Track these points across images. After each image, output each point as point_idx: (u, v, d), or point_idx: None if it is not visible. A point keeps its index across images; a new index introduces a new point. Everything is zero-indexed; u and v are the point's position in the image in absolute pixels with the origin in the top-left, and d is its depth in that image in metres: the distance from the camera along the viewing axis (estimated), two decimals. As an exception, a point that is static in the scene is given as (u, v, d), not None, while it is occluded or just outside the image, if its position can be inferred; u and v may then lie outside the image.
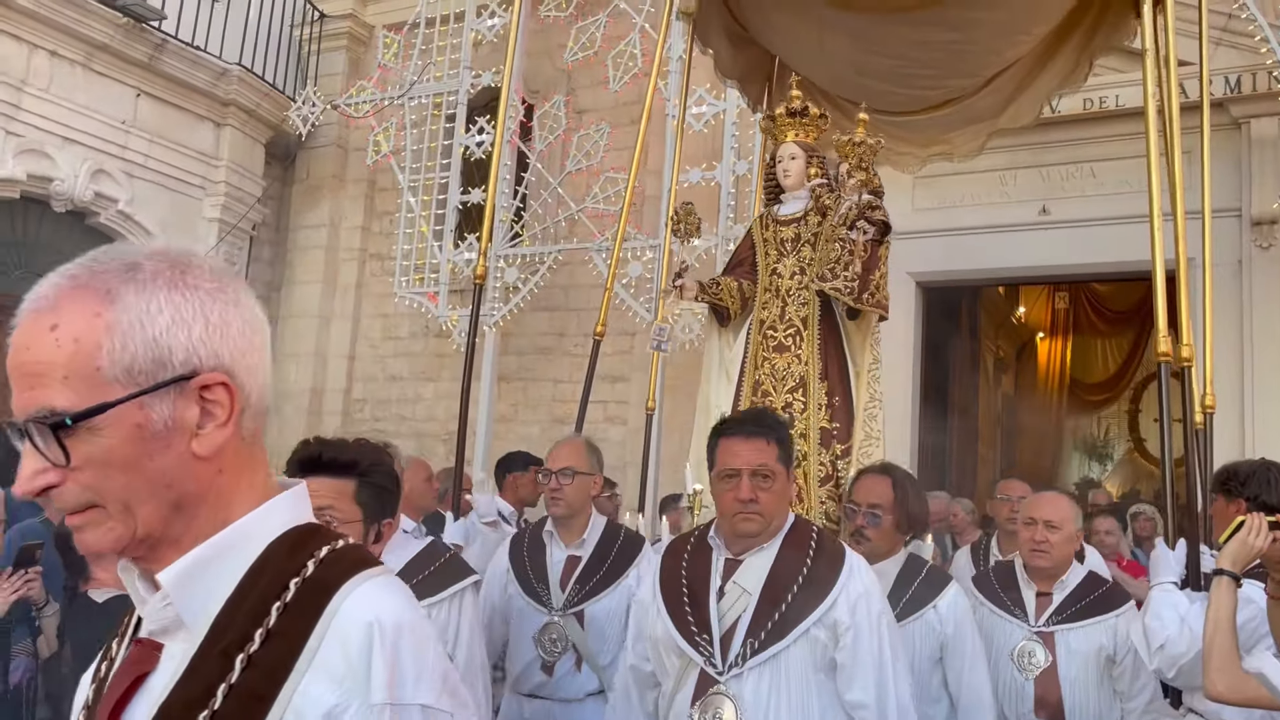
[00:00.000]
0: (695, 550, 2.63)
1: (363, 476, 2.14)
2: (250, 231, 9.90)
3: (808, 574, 2.46)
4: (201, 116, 9.30)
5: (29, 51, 7.96)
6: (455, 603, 2.79)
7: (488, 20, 8.63)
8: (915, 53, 4.54)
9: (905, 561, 3.14)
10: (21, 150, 7.95)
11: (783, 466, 2.54)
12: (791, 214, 4.24)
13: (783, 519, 2.58)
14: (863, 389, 3.99)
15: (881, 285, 3.90)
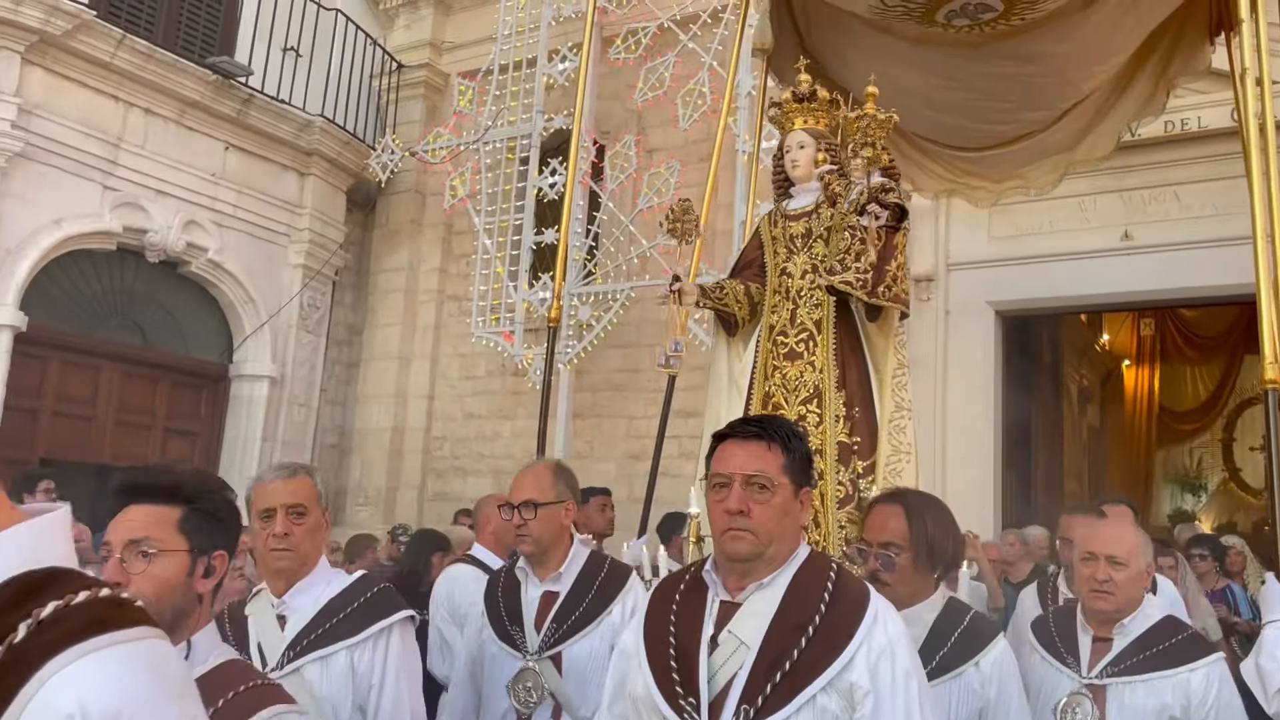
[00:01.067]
0: (689, 590, 2.09)
1: (189, 504, 1.95)
2: (333, 276, 10.19)
3: (820, 623, 1.93)
4: (286, 167, 9.64)
5: (125, 110, 8.37)
6: (378, 643, 2.51)
7: (559, 65, 8.80)
8: (989, 86, 4.50)
9: (945, 606, 2.62)
10: (118, 204, 8.33)
11: (788, 480, 2.02)
12: (801, 207, 3.86)
13: (787, 547, 2.04)
14: (887, 398, 3.58)
15: (900, 277, 3.48)
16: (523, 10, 9.05)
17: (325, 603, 2.51)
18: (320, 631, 2.47)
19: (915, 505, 2.64)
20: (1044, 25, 4.06)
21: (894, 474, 3.43)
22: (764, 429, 2.06)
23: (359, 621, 2.51)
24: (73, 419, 8.46)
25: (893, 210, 3.45)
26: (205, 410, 9.47)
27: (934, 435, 7.99)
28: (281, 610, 2.51)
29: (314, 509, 2.56)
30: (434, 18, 10.78)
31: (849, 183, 3.49)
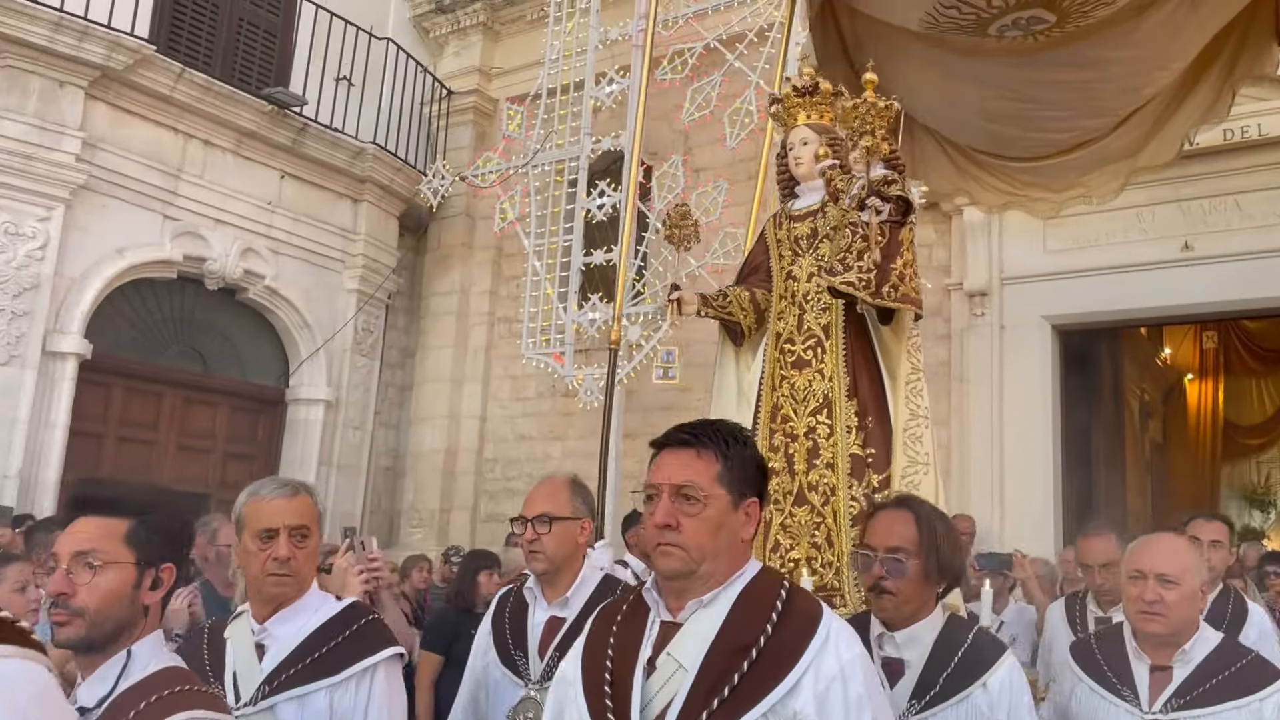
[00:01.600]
0: (631, 611, 1.92)
1: (137, 516, 1.94)
2: (386, 300, 10.33)
3: (766, 645, 1.76)
4: (340, 194, 9.81)
5: (184, 141, 8.59)
6: (361, 684, 2.31)
7: (606, 87, 8.86)
8: (1045, 94, 4.42)
9: (946, 623, 2.42)
10: (179, 233, 8.54)
11: (724, 490, 1.83)
12: (806, 207, 3.65)
13: (724, 563, 1.84)
14: (900, 406, 3.36)
15: (908, 275, 3.23)
16: (569, 35, 9.13)
17: (309, 633, 2.32)
18: (299, 667, 2.28)
19: (925, 512, 2.46)
20: (1100, 31, 3.99)
21: (911, 487, 3.19)
22: (695, 435, 1.88)
23: (342, 658, 2.31)
24: (136, 444, 8.65)
25: (896, 204, 3.20)
26: (263, 434, 9.63)
27: (991, 452, 7.86)
28: (261, 638, 2.33)
29: (315, 531, 2.41)
30: (482, 44, 10.93)
31: (852, 177, 3.28)
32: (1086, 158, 4.94)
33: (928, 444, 3.32)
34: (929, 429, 3.37)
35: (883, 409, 3.40)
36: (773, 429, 3.50)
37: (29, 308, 7.52)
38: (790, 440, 3.45)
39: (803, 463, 3.40)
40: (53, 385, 7.68)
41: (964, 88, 4.48)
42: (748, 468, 1.88)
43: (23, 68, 7.51)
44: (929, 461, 3.29)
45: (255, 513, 2.36)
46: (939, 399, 8.14)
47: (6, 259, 7.43)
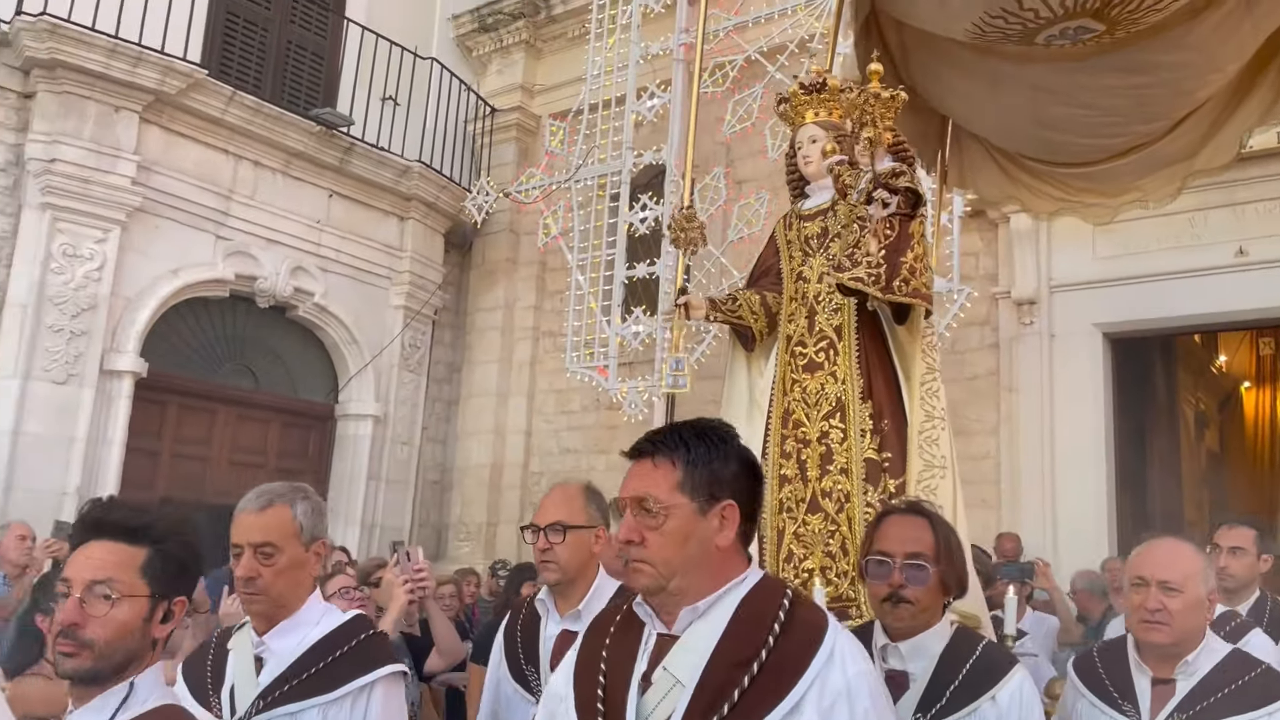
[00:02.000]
0: (625, 622, 1.81)
1: (155, 545, 1.83)
2: (432, 316, 10.44)
3: (767, 659, 1.65)
4: (387, 212, 9.95)
5: (235, 163, 8.77)
6: (357, 702, 2.21)
7: (647, 102, 8.90)
8: (1096, 99, 4.35)
9: (954, 634, 2.32)
10: (230, 253, 8.71)
11: (687, 499, 1.70)
12: (816, 206, 3.55)
13: (703, 575, 1.72)
14: (916, 407, 3.23)
15: (919, 269, 3.11)
16: (611, 50, 9.20)
17: (307, 648, 2.25)
18: (295, 682, 2.20)
19: (938, 519, 2.37)
20: (1150, 36, 3.93)
21: (928, 492, 3.08)
22: (654, 443, 1.77)
23: (338, 675, 2.22)
24: (190, 460, 8.82)
25: (905, 196, 3.08)
26: (313, 449, 9.77)
27: (1042, 464, 7.73)
28: (260, 651, 2.26)
29: (290, 545, 2.27)
30: (525, 62, 11.04)
31: (859, 172, 3.13)
32: (1141, 161, 4.84)
33: (945, 447, 3.20)
34: (946, 431, 3.24)
35: (898, 411, 3.28)
36: (784, 435, 3.39)
37: (87, 327, 7.71)
38: (803, 446, 3.35)
39: (815, 469, 3.30)
40: (110, 403, 7.85)
41: (1014, 95, 4.41)
42: (719, 469, 1.73)
43: (79, 93, 7.72)
44: (946, 465, 3.17)
45: (231, 528, 2.30)
46: (987, 409, 8.04)
47: (65, 280, 7.63)
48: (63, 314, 7.61)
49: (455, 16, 11.14)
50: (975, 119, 4.69)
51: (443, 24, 11.06)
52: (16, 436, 7.33)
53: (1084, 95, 4.31)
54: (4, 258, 7.60)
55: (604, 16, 9.31)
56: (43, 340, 7.51)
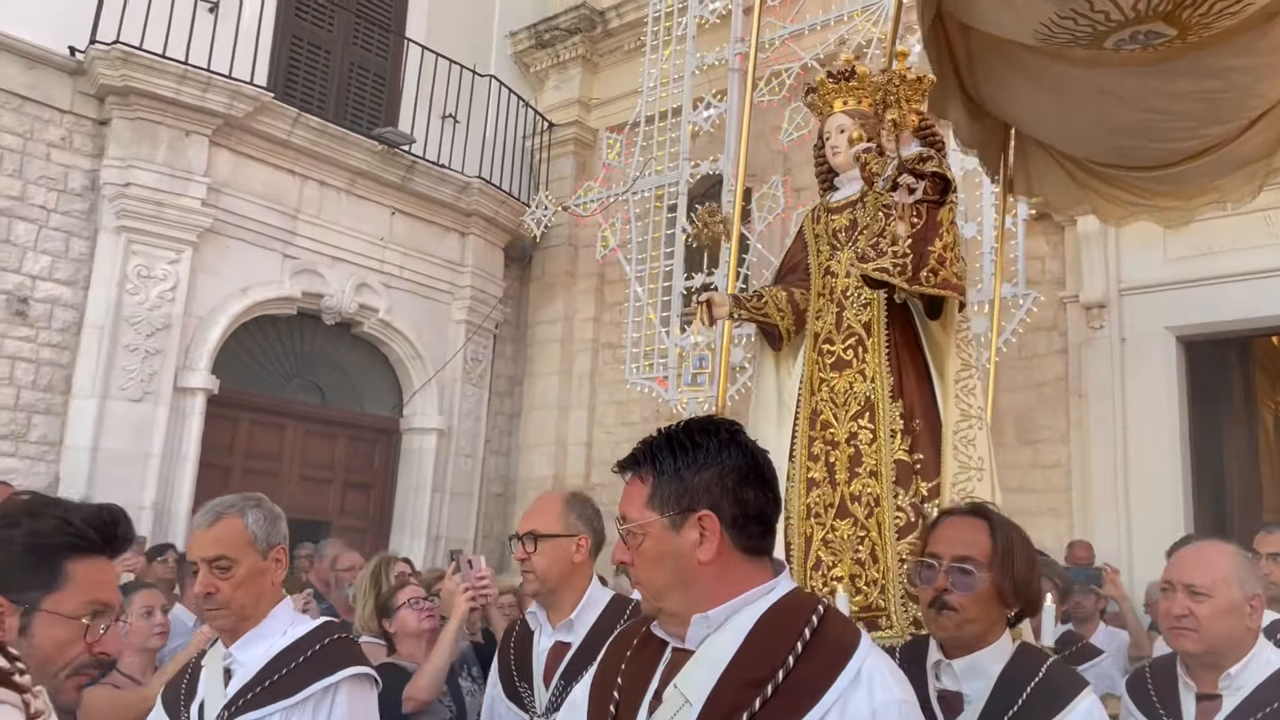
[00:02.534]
0: (647, 635, 1.69)
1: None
2: (493, 330, 10.55)
3: (785, 679, 1.47)
4: (448, 228, 10.08)
5: (301, 183, 8.96)
6: (320, 704, 2.18)
7: (704, 112, 8.91)
8: (1168, 104, 4.23)
9: (1015, 653, 2.11)
10: (297, 271, 8.90)
11: (655, 515, 1.57)
12: (845, 198, 3.40)
13: (694, 591, 1.56)
14: (950, 406, 3.06)
15: (949, 259, 2.92)
16: (666, 62, 9.23)
17: (273, 656, 2.22)
18: (258, 690, 2.19)
19: (1000, 521, 2.16)
20: (1223, 41, 3.81)
21: (963, 495, 2.91)
22: (630, 457, 1.65)
23: (300, 679, 2.19)
24: (260, 474, 9.00)
25: (932, 181, 2.91)
26: (379, 463, 9.91)
27: (1115, 472, 7.54)
28: (228, 663, 2.26)
29: (245, 555, 2.25)
30: (581, 76, 11.13)
31: (887, 159, 2.95)
32: (1217, 162, 4.68)
33: (982, 447, 3.00)
34: (984, 430, 3.03)
35: (931, 410, 3.11)
36: (812, 436, 3.24)
37: (161, 346, 7.92)
38: (831, 448, 3.19)
39: (844, 472, 3.13)
40: (183, 420, 8.06)
41: (1081, 101, 4.29)
42: (689, 478, 1.57)
43: (152, 119, 7.97)
44: (983, 467, 2.97)
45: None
46: (1057, 416, 7.87)
47: (139, 300, 7.86)
48: (138, 334, 7.84)
49: (513, 34, 11.27)
50: (1042, 125, 4.58)
51: (500, 41, 11.20)
52: (95, 453, 7.56)
53: (1154, 100, 4.18)
54: (82, 280, 7.85)
55: (659, 29, 9.35)
56: (119, 360, 7.74)
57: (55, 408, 7.68)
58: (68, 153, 7.91)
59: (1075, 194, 4.90)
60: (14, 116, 7.67)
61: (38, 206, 7.73)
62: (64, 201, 7.86)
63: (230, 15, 8.50)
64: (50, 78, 7.84)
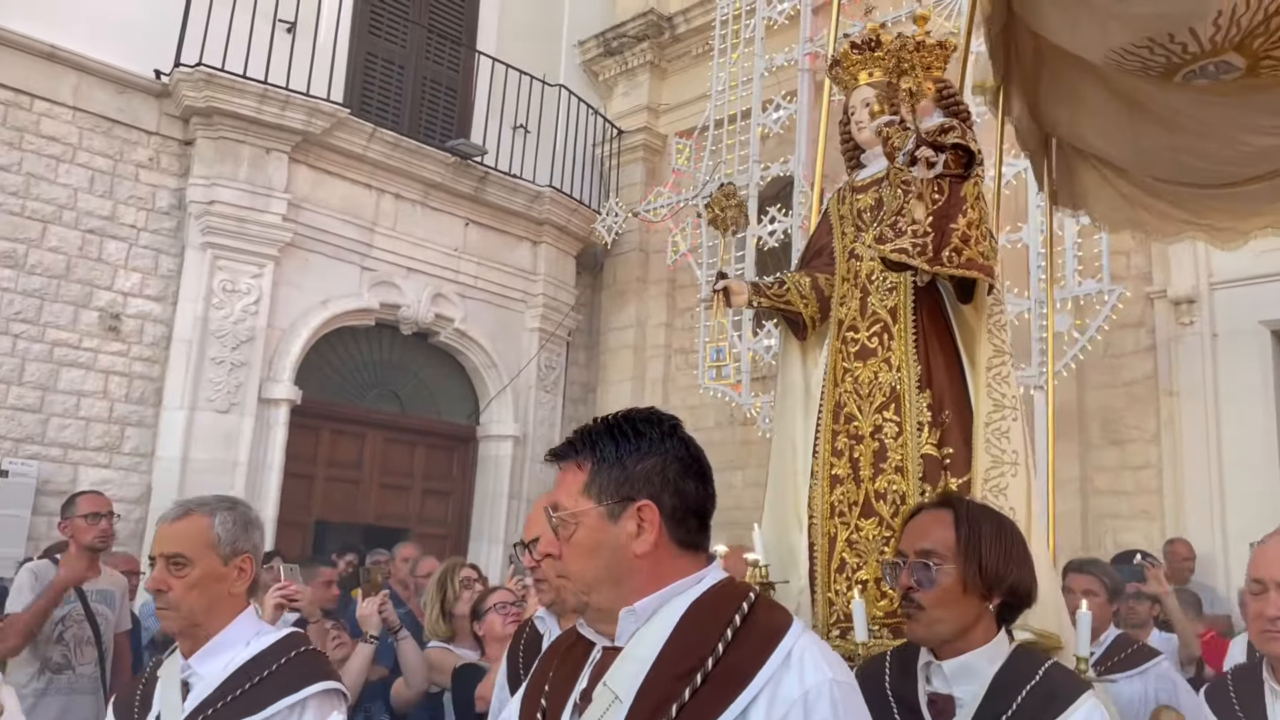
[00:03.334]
0: (574, 640, 1.64)
1: None
2: (566, 338, 10.62)
3: (715, 668, 1.43)
4: (520, 237, 10.19)
5: (377, 196, 9.14)
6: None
7: (773, 114, 8.85)
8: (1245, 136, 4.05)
9: (1011, 655, 1.99)
10: (375, 283, 9.08)
11: (591, 504, 1.51)
12: (871, 176, 3.18)
13: (623, 589, 1.50)
14: (982, 395, 2.83)
15: (975, 237, 2.67)
16: (735, 65, 9.19)
17: (234, 669, 2.10)
18: (220, 705, 2.07)
19: (969, 512, 2.03)
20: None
21: (996, 491, 2.69)
22: (565, 444, 1.59)
23: (266, 694, 2.07)
24: (342, 483, 9.20)
25: (955, 154, 2.67)
26: (457, 470, 10.04)
27: (1209, 472, 7.26)
28: (187, 675, 2.13)
29: (204, 557, 2.13)
30: (650, 82, 11.15)
31: (909, 131, 2.72)
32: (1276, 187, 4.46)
33: (1016, 440, 2.76)
34: (1018, 422, 2.79)
35: (962, 401, 2.89)
36: (835, 430, 3.04)
37: (246, 359, 8.15)
38: (855, 442, 3.00)
39: (869, 468, 2.95)
40: (268, 430, 8.27)
41: (1154, 117, 4.11)
42: (631, 466, 1.52)
43: (234, 137, 8.21)
44: (1018, 461, 2.73)
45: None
46: (1146, 416, 7.61)
47: (225, 314, 8.10)
48: (224, 346, 8.07)
49: (581, 42, 11.35)
50: (1104, 135, 4.39)
51: (569, 50, 11.28)
52: (185, 463, 7.79)
53: (1229, 129, 4.00)
54: (170, 295, 8.12)
55: (727, 32, 9.32)
56: (206, 372, 7.98)
57: (147, 420, 7.95)
58: (155, 173, 8.20)
59: (1121, 209, 4.72)
60: (104, 139, 7.98)
61: (128, 225, 8.02)
62: (152, 220, 8.14)
63: (307, 34, 8.72)
64: (138, 101, 8.14)
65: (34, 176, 7.62)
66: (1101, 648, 3.88)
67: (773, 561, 3.04)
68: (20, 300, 7.46)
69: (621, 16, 11.25)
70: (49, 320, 7.59)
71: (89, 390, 7.72)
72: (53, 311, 7.61)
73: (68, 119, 7.82)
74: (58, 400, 7.59)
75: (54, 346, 7.60)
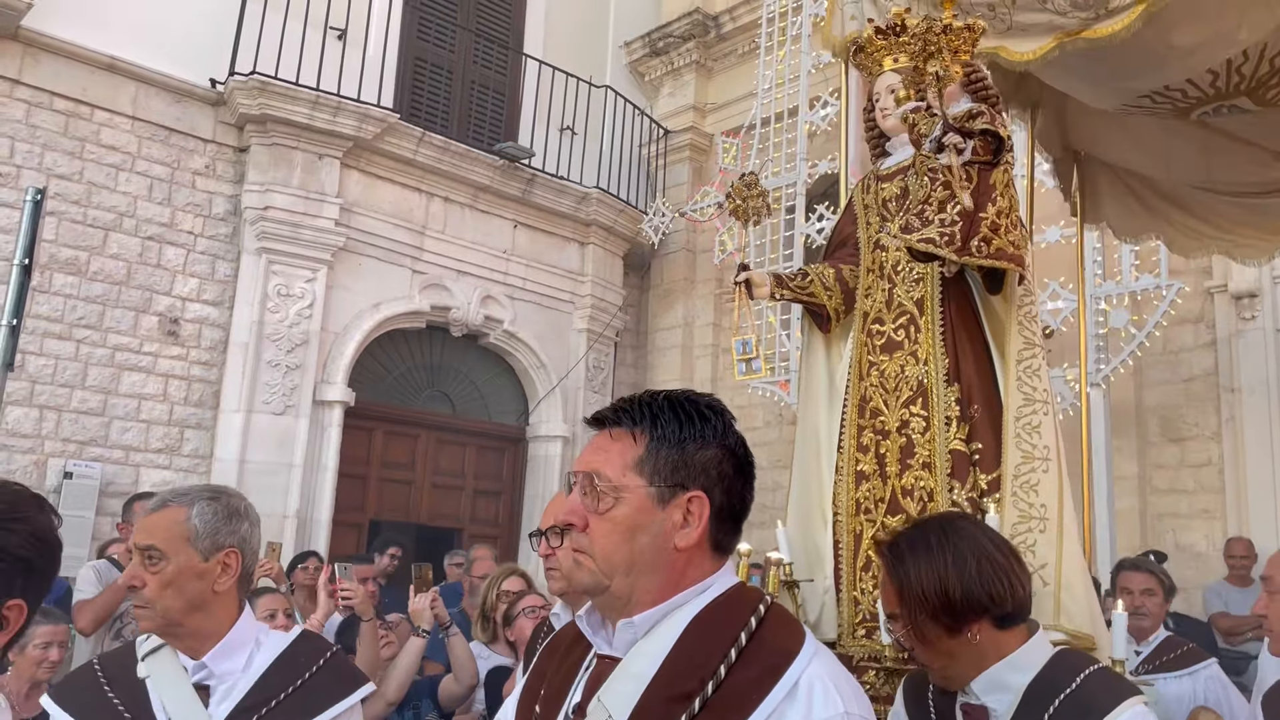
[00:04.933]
0: (575, 640, 1.51)
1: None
2: (614, 338, 10.64)
3: (714, 693, 1.30)
4: (568, 238, 10.23)
5: (426, 200, 9.24)
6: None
7: (820, 111, 8.79)
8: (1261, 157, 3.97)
9: (1050, 661, 1.88)
10: (425, 285, 9.17)
11: (642, 481, 1.38)
12: (896, 164, 3.09)
13: (652, 581, 1.38)
14: (1012, 389, 2.71)
15: (1005, 226, 2.58)
16: (781, 63, 9.14)
17: (266, 669, 1.97)
18: (272, 706, 1.93)
19: (897, 552, 1.89)
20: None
21: (1026, 488, 2.59)
22: (616, 410, 1.43)
23: (320, 697, 1.97)
24: (395, 483, 9.31)
25: (983, 140, 2.59)
26: (507, 471, 10.12)
27: (1273, 469, 7.09)
28: (202, 678, 1.94)
29: (179, 551, 1.94)
30: (695, 82, 11.14)
31: (936, 118, 2.59)
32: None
33: (1048, 434, 2.65)
34: (1050, 416, 2.67)
35: (992, 395, 2.80)
36: (861, 425, 2.96)
37: (300, 361, 8.28)
38: (881, 438, 2.91)
39: (895, 464, 2.87)
40: (322, 432, 8.40)
41: (1187, 126, 4.02)
42: (691, 451, 1.39)
43: (287, 144, 8.35)
44: (1050, 456, 2.61)
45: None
46: (1206, 413, 7.44)
47: (280, 318, 8.24)
48: (279, 350, 8.21)
49: (627, 43, 11.38)
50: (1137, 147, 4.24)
51: (615, 52, 11.31)
52: (242, 465, 7.94)
53: (1261, 138, 3.90)
54: (227, 300, 8.28)
55: (773, 30, 9.27)
56: (262, 375, 8.12)
57: (205, 422, 8.12)
58: (211, 180, 8.37)
59: (1144, 221, 4.63)
60: (162, 148, 8.16)
61: (185, 232, 8.19)
62: (209, 226, 8.31)
63: (357, 41, 8.84)
64: (194, 109, 8.31)
65: (95, 185, 7.81)
66: (1150, 646, 3.81)
67: (798, 559, 3.02)
68: (83, 306, 7.66)
69: (667, 16, 11.25)
70: (110, 325, 7.78)
71: (149, 393, 7.90)
72: (114, 317, 7.80)
73: (127, 128, 8.02)
74: (119, 404, 7.77)
75: (115, 351, 7.79)
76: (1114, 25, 2.85)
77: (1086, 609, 2.53)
